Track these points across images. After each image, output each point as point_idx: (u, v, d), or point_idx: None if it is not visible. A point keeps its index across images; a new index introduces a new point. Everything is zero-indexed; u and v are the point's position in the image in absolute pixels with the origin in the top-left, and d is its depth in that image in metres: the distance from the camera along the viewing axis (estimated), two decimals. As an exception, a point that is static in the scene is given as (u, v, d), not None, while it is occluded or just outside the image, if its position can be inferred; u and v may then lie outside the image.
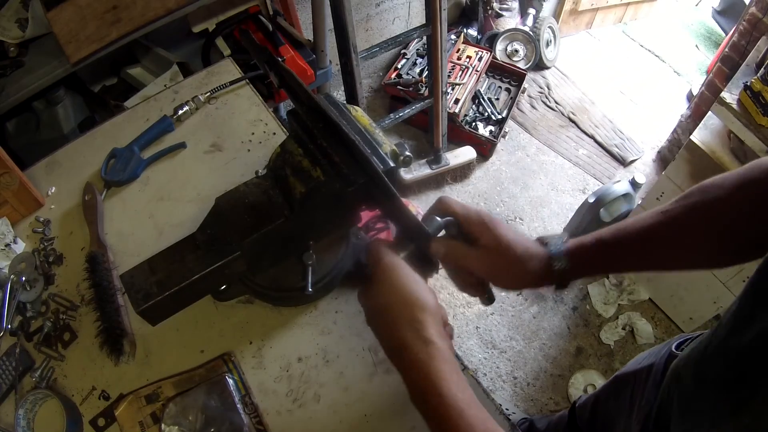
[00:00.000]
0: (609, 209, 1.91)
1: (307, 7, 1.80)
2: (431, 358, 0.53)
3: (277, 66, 0.73)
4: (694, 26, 3.30)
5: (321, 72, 1.63)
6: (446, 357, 0.53)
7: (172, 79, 1.43)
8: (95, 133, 1.07)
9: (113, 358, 0.76)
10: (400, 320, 0.56)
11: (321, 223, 0.72)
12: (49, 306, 0.84)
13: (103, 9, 1.14)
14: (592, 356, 1.93)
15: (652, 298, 2.03)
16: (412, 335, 0.54)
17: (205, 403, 0.72)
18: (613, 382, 1.02)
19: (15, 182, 0.90)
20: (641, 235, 0.62)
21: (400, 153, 0.67)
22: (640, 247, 0.63)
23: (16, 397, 0.76)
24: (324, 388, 0.75)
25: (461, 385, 0.52)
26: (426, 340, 0.54)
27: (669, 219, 0.61)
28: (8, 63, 1.19)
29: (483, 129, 2.39)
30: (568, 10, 2.89)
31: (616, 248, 0.63)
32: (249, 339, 0.79)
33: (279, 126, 1.04)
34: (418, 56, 2.50)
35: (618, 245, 0.63)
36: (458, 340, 1.94)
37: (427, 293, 0.58)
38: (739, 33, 1.92)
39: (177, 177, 0.99)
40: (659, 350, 0.86)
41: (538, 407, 1.82)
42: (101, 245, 0.87)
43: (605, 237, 0.64)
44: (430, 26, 1.84)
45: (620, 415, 0.92)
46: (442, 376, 0.51)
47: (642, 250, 0.63)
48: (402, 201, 0.58)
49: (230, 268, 0.67)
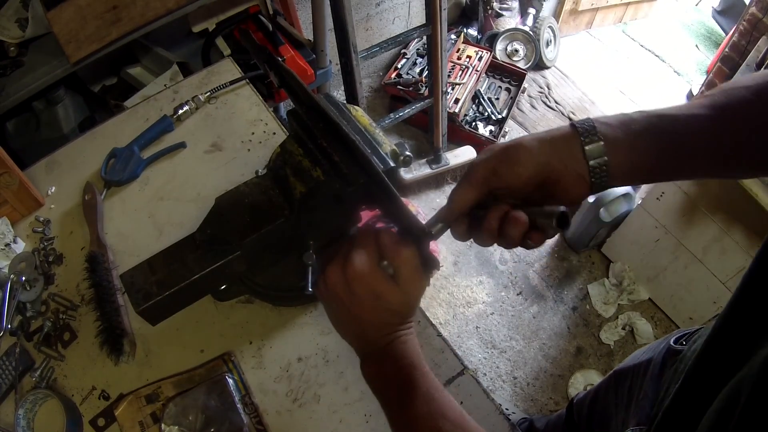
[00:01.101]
0: (609, 209, 1.92)
1: (307, 7, 1.80)
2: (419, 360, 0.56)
3: (277, 66, 0.73)
4: (694, 26, 3.30)
5: (321, 72, 1.63)
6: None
7: (172, 79, 1.43)
8: (95, 132, 1.07)
9: (113, 358, 0.76)
10: (404, 319, 0.57)
11: (321, 223, 0.72)
12: (49, 306, 0.84)
13: (103, 9, 1.14)
14: (592, 356, 1.93)
15: (651, 298, 2.03)
16: (410, 335, 0.56)
17: (205, 403, 0.72)
18: (613, 377, 1.02)
19: (15, 182, 0.90)
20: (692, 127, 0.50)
21: (400, 153, 0.67)
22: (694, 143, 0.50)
23: (16, 397, 0.76)
24: (324, 388, 0.75)
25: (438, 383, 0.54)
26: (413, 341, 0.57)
27: (718, 112, 0.50)
28: (8, 63, 1.19)
29: (483, 129, 2.39)
30: (568, 10, 2.89)
31: (669, 139, 0.50)
32: (249, 339, 0.79)
33: (279, 126, 1.04)
34: (418, 56, 2.50)
35: (671, 135, 0.50)
36: (458, 340, 1.94)
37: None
38: (739, 33, 1.92)
39: (177, 177, 0.99)
40: (658, 345, 0.87)
41: (537, 407, 1.82)
42: (101, 245, 0.87)
43: (654, 122, 0.51)
44: (430, 26, 1.83)
45: (618, 409, 0.93)
46: (428, 376, 0.54)
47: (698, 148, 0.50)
48: (402, 201, 0.57)
49: (230, 268, 0.67)
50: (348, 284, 0.52)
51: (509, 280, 2.11)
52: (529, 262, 2.16)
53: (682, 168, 0.53)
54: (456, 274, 2.10)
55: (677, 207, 1.69)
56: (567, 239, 2.19)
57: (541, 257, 2.18)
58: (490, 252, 2.18)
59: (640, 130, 0.51)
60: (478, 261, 2.15)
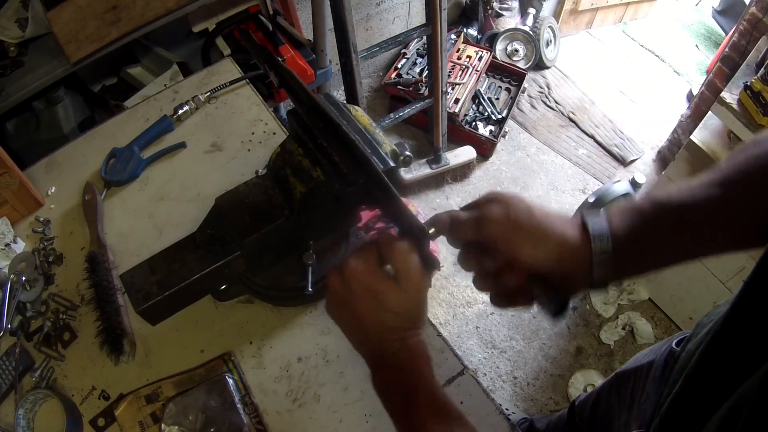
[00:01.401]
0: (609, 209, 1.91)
1: (307, 7, 1.80)
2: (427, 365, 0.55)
3: (277, 66, 0.73)
4: (694, 26, 3.30)
5: (321, 72, 1.63)
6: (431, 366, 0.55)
7: (172, 79, 1.43)
8: (95, 132, 1.07)
9: (113, 358, 0.76)
10: (417, 322, 0.56)
11: (321, 223, 0.72)
12: (49, 306, 0.84)
13: (103, 9, 1.14)
14: (592, 356, 1.93)
15: (651, 298, 2.03)
16: (416, 336, 0.55)
17: (205, 403, 0.72)
18: (614, 379, 1.02)
19: (15, 182, 0.90)
20: (699, 213, 0.49)
21: (400, 153, 0.67)
22: (700, 228, 0.49)
23: (16, 397, 0.76)
24: (324, 388, 0.75)
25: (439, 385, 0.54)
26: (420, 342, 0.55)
27: (731, 193, 0.48)
28: (8, 63, 1.19)
29: (483, 129, 2.39)
30: (568, 10, 2.89)
31: (674, 234, 0.50)
32: (249, 339, 0.79)
33: (279, 126, 1.04)
34: (418, 56, 2.50)
35: (675, 228, 0.50)
36: (458, 340, 1.94)
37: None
38: (739, 33, 1.92)
39: (177, 177, 0.99)
40: (660, 347, 0.86)
41: (537, 407, 1.82)
42: (101, 245, 0.87)
43: (661, 218, 0.50)
44: (430, 26, 1.84)
45: (620, 411, 0.93)
46: (430, 377, 0.53)
47: (702, 234, 0.50)
48: (402, 201, 0.57)
49: (230, 268, 0.67)
50: (347, 283, 0.53)
51: (509, 280, 2.11)
52: (529, 262, 2.16)
53: (696, 255, 0.53)
54: (456, 274, 2.10)
55: (677, 207, 1.69)
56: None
57: (541, 257, 2.18)
58: (490, 252, 2.17)
59: (651, 231, 0.51)
60: (478, 261, 2.15)
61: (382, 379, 0.54)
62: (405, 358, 0.53)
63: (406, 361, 0.53)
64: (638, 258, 0.52)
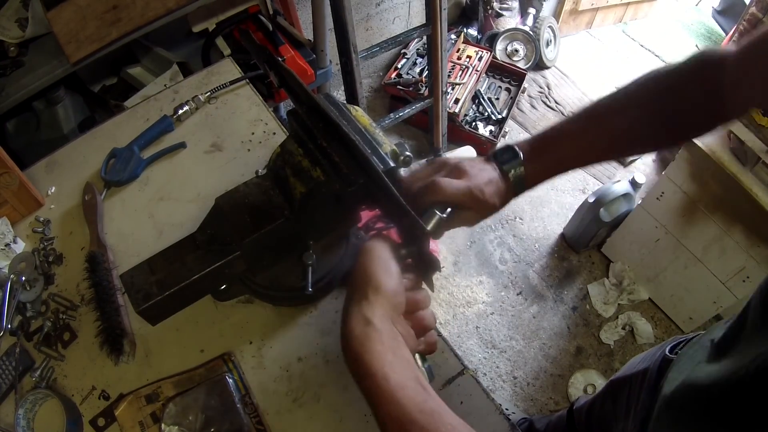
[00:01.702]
0: (609, 209, 1.92)
1: (307, 7, 1.80)
2: (366, 338, 0.51)
3: (277, 66, 0.73)
4: (694, 26, 3.30)
5: (321, 72, 1.63)
6: (382, 339, 0.51)
7: (172, 79, 1.43)
8: (95, 132, 1.07)
9: (113, 358, 0.76)
10: (352, 297, 0.55)
11: (321, 223, 0.72)
12: (49, 306, 0.84)
13: (103, 9, 1.14)
14: (592, 356, 1.94)
15: (651, 297, 2.03)
16: (356, 312, 0.53)
17: (205, 403, 0.72)
18: (609, 387, 1.02)
19: (15, 182, 0.90)
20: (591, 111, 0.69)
21: (400, 153, 0.67)
22: (595, 121, 0.68)
23: (16, 397, 0.76)
24: (324, 388, 0.75)
25: (396, 366, 0.50)
26: (366, 319, 0.52)
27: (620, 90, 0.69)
28: (8, 63, 1.19)
29: (483, 129, 2.39)
30: (568, 10, 2.89)
31: (570, 132, 0.68)
32: (249, 339, 0.79)
33: (279, 126, 1.04)
34: (418, 56, 2.50)
35: (572, 123, 0.69)
36: (458, 340, 1.94)
37: (386, 276, 0.55)
38: (739, 33, 1.92)
39: (177, 177, 0.99)
40: (654, 353, 0.85)
41: (537, 407, 1.83)
42: (101, 245, 0.87)
43: (556, 125, 0.68)
44: (430, 26, 1.84)
45: (617, 420, 0.92)
46: (375, 356, 0.50)
47: (598, 127, 0.68)
48: (402, 201, 0.57)
49: (230, 268, 0.67)
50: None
51: (509, 280, 2.11)
52: (528, 262, 2.16)
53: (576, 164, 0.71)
54: (456, 274, 2.10)
55: (677, 207, 1.70)
56: (567, 239, 2.19)
57: (541, 257, 2.18)
58: (490, 252, 2.18)
59: (542, 146, 0.68)
60: (478, 261, 2.15)
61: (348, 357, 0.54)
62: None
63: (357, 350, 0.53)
64: (545, 159, 0.68)
